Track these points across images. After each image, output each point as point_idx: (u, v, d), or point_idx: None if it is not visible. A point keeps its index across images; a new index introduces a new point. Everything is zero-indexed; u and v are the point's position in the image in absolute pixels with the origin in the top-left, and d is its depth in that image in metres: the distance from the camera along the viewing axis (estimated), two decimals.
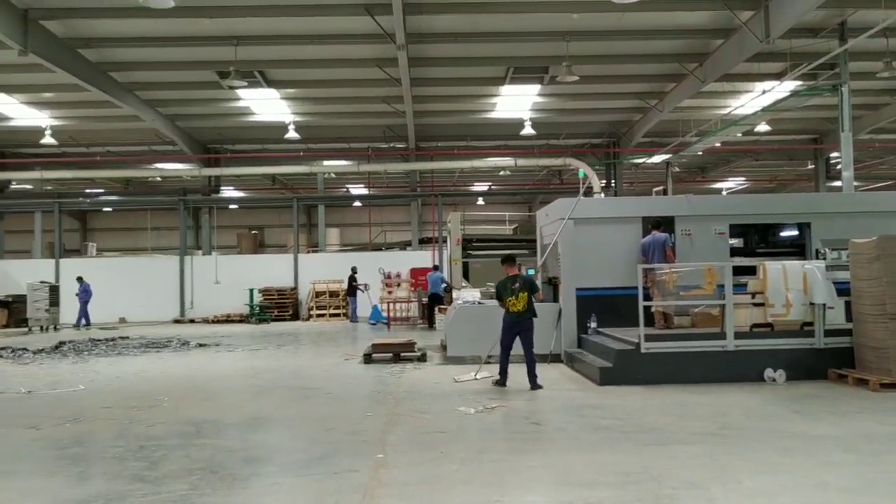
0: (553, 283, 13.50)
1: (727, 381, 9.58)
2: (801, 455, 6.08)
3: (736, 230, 13.35)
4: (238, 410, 8.69)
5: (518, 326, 9.71)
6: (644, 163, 28.39)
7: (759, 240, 14.48)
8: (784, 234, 14.39)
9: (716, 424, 7.25)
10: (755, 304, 10.46)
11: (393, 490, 5.30)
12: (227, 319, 24.78)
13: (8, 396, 9.95)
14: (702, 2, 15.36)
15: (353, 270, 23.82)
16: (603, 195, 24.28)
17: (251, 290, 24.92)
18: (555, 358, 12.03)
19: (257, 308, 24.63)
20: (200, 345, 16.58)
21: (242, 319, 24.65)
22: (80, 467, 6.14)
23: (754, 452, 6.18)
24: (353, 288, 23.72)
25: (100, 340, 17.43)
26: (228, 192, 33.71)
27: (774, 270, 10.16)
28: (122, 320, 25.34)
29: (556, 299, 13.10)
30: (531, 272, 15.88)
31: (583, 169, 22.91)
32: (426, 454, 6.30)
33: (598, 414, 7.87)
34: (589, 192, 22.69)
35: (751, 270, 10.89)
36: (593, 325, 11.87)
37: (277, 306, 25.35)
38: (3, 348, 15.71)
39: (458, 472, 5.73)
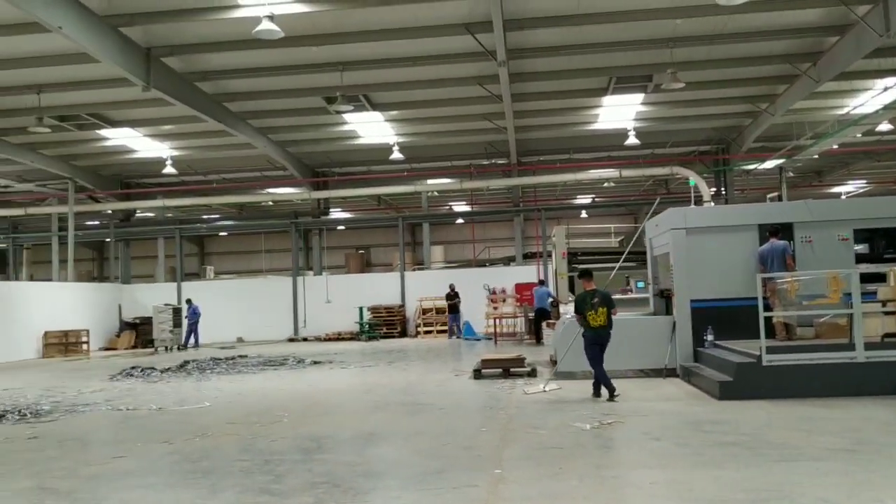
0: (665, 296, 13.18)
1: (856, 394, 9.07)
2: None
3: (861, 235, 12.66)
4: (354, 426, 8.89)
5: (601, 339, 10.05)
6: (756, 169, 27.35)
7: (886, 244, 13.66)
8: None
9: (849, 440, 6.88)
10: (886, 313, 9.88)
11: None
12: (339, 337, 25.42)
13: (141, 413, 10.53)
14: None
15: (451, 288, 23.98)
16: (712, 203, 23.55)
17: (360, 308, 25.51)
18: (670, 372, 11.72)
19: (367, 325, 25.17)
20: (315, 362, 17.05)
21: (353, 337, 25.24)
22: (211, 480, 6.43)
23: (895, 469, 5.82)
24: (452, 305, 23.88)
25: (220, 359, 18.21)
26: (336, 213, 34.65)
27: None
28: (240, 339, 26.42)
29: (668, 312, 12.77)
30: (641, 285, 15.60)
31: (692, 177, 22.36)
32: (544, 469, 6.25)
33: (721, 429, 7.61)
34: (699, 201, 22.06)
35: (879, 277, 10.31)
36: (710, 337, 11.48)
37: (386, 323, 25.82)
38: (133, 367, 16.63)
39: (579, 487, 5.66)
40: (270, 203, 32.83)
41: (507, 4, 14.30)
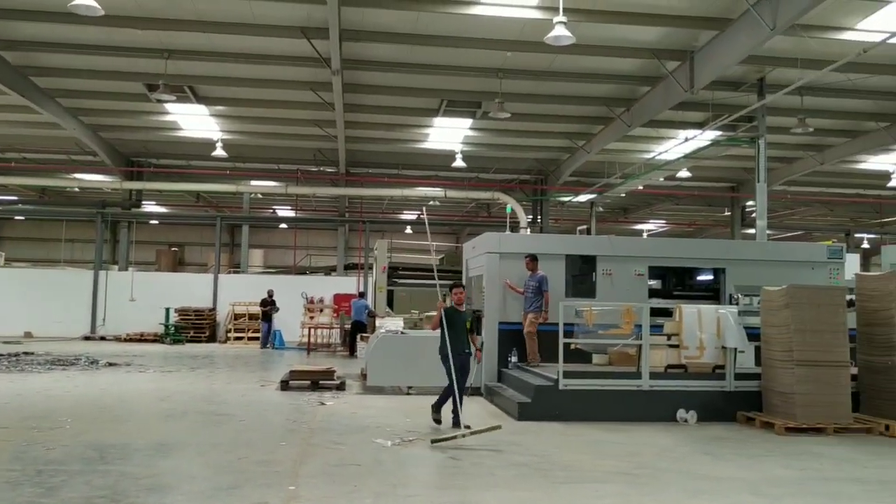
0: (476, 316, 13.55)
1: (642, 419, 9.77)
2: (710, 497, 6.21)
3: (655, 272, 13.72)
4: (145, 435, 8.36)
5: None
6: (570, 201, 28.98)
7: (676, 282, 14.90)
8: (700, 277, 14.84)
9: (630, 464, 7.36)
10: (670, 346, 10.72)
11: None
12: (141, 338, 23.94)
13: None
14: (631, 50, 15.86)
15: (269, 294, 23.27)
16: (528, 231, 24.65)
17: (167, 310, 24.20)
18: (475, 391, 12.04)
19: (172, 328, 23.91)
20: (110, 364, 15.98)
21: (156, 339, 23.86)
22: None
23: (665, 493, 6.29)
24: (266, 313, 23.12)
25: (2, 355, 16.58)
26: (150, 206, 32.81)
27: (689, 313, 10.46)
28: (28, 335, 24.17)
29: (478, 332, 13.13)
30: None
31: (510, 204, 23.28)
32: (339, 487, 6.17)
33: (516, 450, 7.89)
34: (515, 228, 23.00)
35: (667, 312, 11.17)
36: (514, 359, 11.97)
37: (194, 327, 24.65)
38: None
39: None
40: (76, 189, 30.47)
41: (346, 14, 14.23)
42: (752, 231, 23.63)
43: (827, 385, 9.45)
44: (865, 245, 35.30)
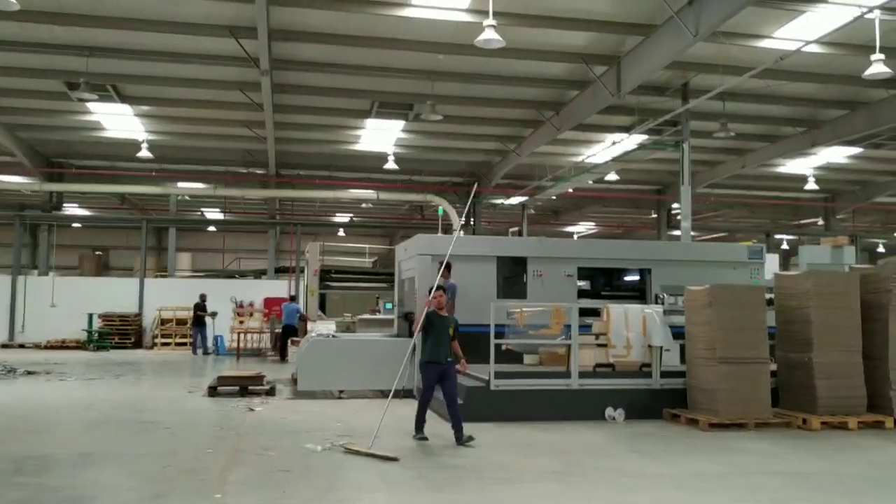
0: (409, 319, 13.54)
1: (572, 418, 9.92)
2: (637, 493, 6.35)
3: (584, 273, 13.96)
4: (67, 445, 8.07)
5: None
6: (502, 204, 29.22)
7: (604, 283, 15.20)
8: (627, 278, 15.18)
9: (561, 463, 7.45)
10: (599, 345, 10.92)
11: None
12: (63, 345, 23.11)
13: None
14: (560, 54, 16.08)
15: (202, 298, 22.64)
16: (462, 233, 24.75)
17: (90, 315, 23.41)
18: (407, 394, 12.00)
19: (96, 334, 23.15)
20: (29, 372, 15.41)
21: (80, 346, 23.07)
22: None
23: (595, 491, 6.39)
24: (198, 318, 22.50)
25: None
26: (72, 209, 31.68)
27: (617, 313, 10.67)
28: None
29: (411, 335, 13.11)
30: (389, 306, 15.93)
31: (442, 206, 23.33)
32: (267, 493, 6.08)
33: (449, 452, 7.91)
34: (448, 230, 23.07)
35: (596, 312, 11.38)
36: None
37: (119, 333, 23.91)
38: None
39: None
40: None
41: (275, 14, 14.03)
42: (677, 232, 24.26)
43: (748, 381, 9.77)
44: (784, 246, 36.63)
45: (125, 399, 11.98)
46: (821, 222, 33.01)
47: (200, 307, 22.20)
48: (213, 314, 22.18)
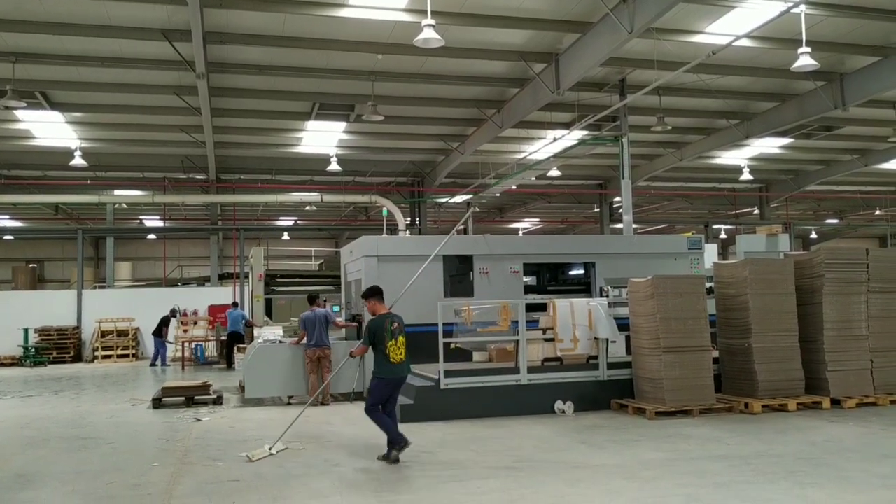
0: (357, 321, 13.46)
1: (522, 413, 10.00)
2: (586, 485, 6.42)
3: (529, 269, 14.07)
4: (2, 466, 7.78)
5: (400, 380, 7.89)
6: (447, 202, 29.27)
7: (550, 278, 15.34)
8: (572, 272, 15.35)
9: (511, 458, 7.50)
10: (546, 340, 11.03)
11: None
12: None
13: None
14: (500, 52, 16.16)
15: (172, 313, 21.96)
16: (407, 233, 24.70)
17: (26, 330, 22.64)
18: (358, 396, 11.93)
19: (33, 349, 22.40)
20: None
21: (15, 362, 22.28)
22: None
23: (545, 484, 6.45)
24: (161, 330, 21.74)
25: None
26: (3, 221, 30.62)
27: (563, 307, 10.79)
28: None
29: (360, 336, 13.03)
30: (336, 309, 15.79)
31: (387, 207, 23.26)
32: None
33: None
34: (394, 230, 23.00)
35: (543, 307, 11.48)
36: None
37: (57, 347, 23.14)
38: None
39: None
40: None
41: (209, 16, 13.77)
42: (619, 226, 24.61)
43: (692, 369, 9.99)
44: (722, 235, 37.59)
45: (65, 415, 11.61)
46: (756, 211, 33.93)
47: (166, 321, 21.56)
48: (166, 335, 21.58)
